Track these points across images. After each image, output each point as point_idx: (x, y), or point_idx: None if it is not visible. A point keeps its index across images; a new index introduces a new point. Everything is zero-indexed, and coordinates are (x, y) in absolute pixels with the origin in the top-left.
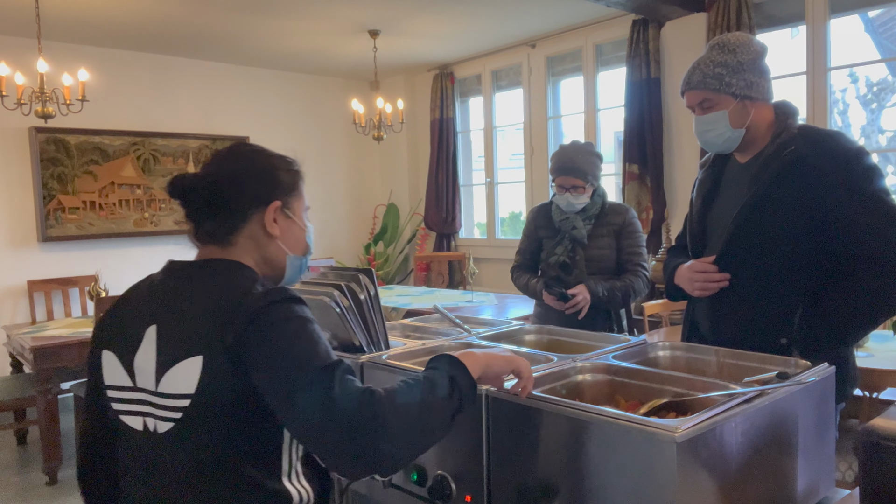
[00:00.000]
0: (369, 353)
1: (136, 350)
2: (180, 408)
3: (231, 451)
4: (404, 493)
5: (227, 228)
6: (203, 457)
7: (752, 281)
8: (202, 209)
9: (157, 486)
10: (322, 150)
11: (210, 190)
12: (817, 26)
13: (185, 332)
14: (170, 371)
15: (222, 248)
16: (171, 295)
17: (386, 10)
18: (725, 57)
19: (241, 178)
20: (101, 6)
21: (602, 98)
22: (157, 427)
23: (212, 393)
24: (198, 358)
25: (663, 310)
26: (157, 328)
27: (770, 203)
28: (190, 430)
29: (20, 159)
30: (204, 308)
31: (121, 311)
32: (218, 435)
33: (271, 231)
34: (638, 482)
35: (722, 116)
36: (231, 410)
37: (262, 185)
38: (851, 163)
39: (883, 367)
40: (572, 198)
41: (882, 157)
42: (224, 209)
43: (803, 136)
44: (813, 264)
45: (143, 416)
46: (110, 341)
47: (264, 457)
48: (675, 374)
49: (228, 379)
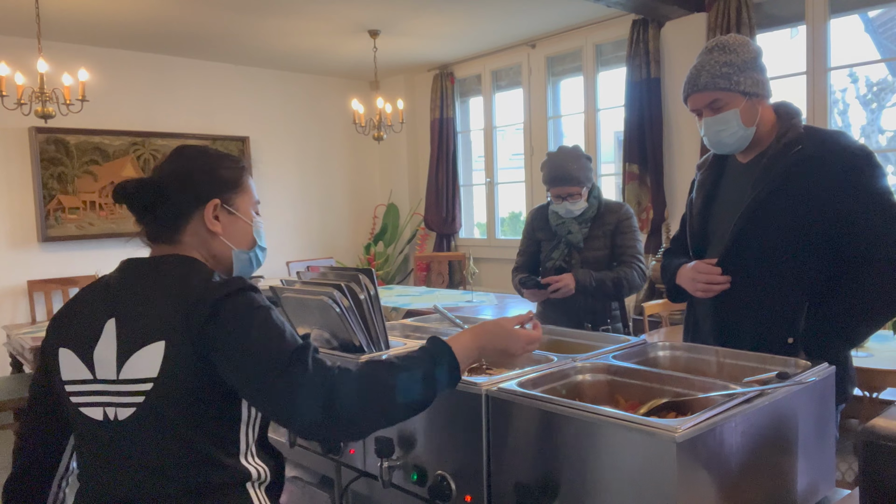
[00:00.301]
0: (369, 353)
1: (96, 343)
2: (143, 391)
3: (192, 432)
4: (404, 493)
5: (172, 227)
6: (165, 439)
7: (758, 281)
8: (146, 211)
9: (120, 471)
10: (322, 150)
11: (151, 192)
12: (817, 26)
13: (146, 321)
14: (131, 358)
15: (171, 245)
16: (128, 289)
17: (386, 10)
18: (729, 57)
19: (180, 177)
20: (101, 6)
21: (602, 98)
22: (117, 414)
23: (174, 375)
24: (160, 343)
25: (663, 310)
26: (116, 321)
27: (776, 202)
28: (152, 413)
29: (20, 159)
30: (164, 298)
31: (75, 309)
32: (180, 417)
33: (212, 228)
34: (638, 482)
35: (734, 115)
36: (192, 393)
37: (200, 184)
38: (858, 162)
39: (883, 367)
40: (570, 205)
41: (882, 157)
42: (166, 209)
43: (809, 135)
44: (818, 263)
45: (102, 406)
46: (66, 338)
47: (224, 438)
48: (675, 374)
49: (191, 363)
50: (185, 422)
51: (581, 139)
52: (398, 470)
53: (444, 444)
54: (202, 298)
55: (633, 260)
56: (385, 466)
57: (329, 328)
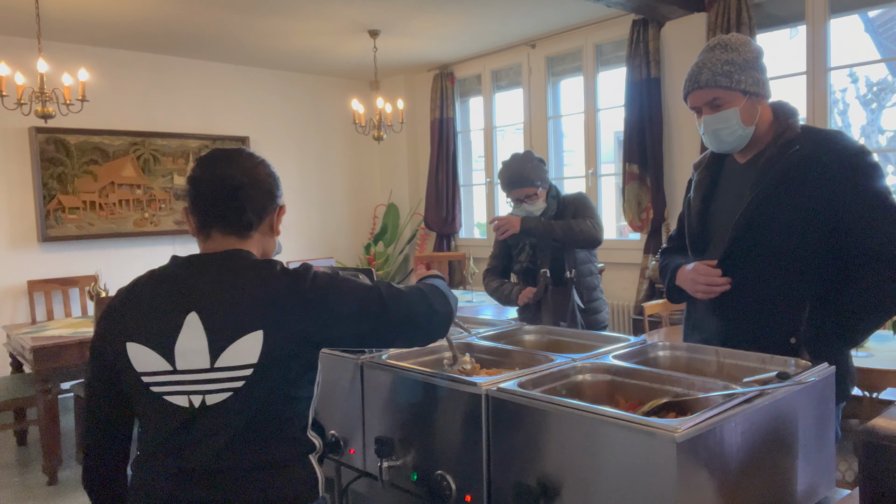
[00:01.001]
0: (369, 353)
1: (176, 337)
2: (244, 377)
3: (281, 410)
4: (404, 493)
5: (253, 223)
6: (257, 418)
7: (758, 282)
8: (235, 205)
9: (198, 448)
10: (322, 150)
11: (253, 188)
12: (817, 26)
13: (239, 313)
14: (229, 348)
15: (241, 239)
16: (206, 284)
17: (386, 10)
18: (731, 55)
19: (270, 181)
20: (101, 6)
21: (602, 98)
22: (205, 400)
23: (273, 360)
24: (258, 332)
25: (663, 310)
26: (200, 315)
27: (775, 203)
28: (247, 396)
29: (20, 159)
30: (251, 290)
31: (137, 304)
32: (273, 397)
33: (277, 229)
34: (638, 482)
35: (734, 114)
36: (286, 376)
37: (277, 190)
38: (856, 161)
39: (883, 367)
40: (529, 206)
41: (882, 157)
42: (255, 206)
43: (806, 135)
44: (819, 263)
45: (188, 395)
46: (135, 333)
47: (297, 414)
48: (675, 374)
49: (290, 348)
50: (276, 402)
51: (581, 139)
52: (398, 470)
53: (444, 444)
54: (292, 288)
55: (587, 218)
56: (385, 466)
57: None
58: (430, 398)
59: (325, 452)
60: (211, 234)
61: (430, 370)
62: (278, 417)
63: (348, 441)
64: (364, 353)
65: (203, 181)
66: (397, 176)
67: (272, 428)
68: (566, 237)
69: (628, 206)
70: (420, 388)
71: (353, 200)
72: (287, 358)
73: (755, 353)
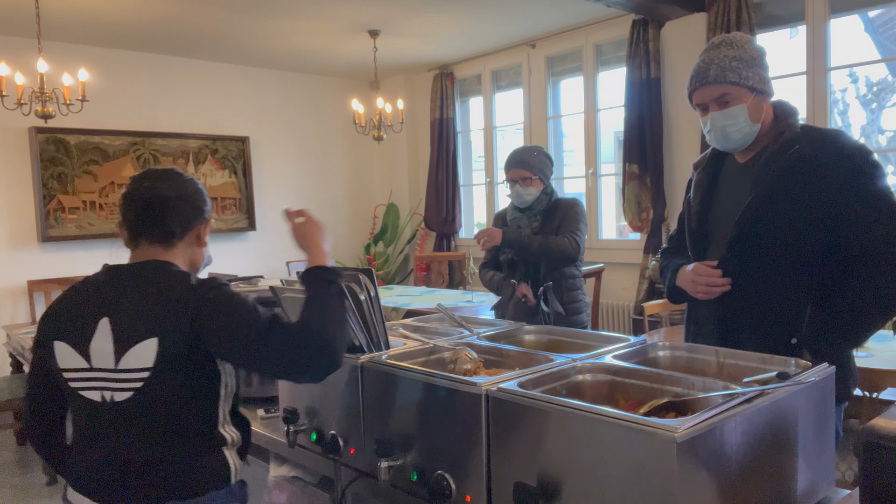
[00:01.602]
0: (369, 353)
1: (91, 338)
2: (141, 378)
3: (180, 409)
4: (404, 493)
5: (176, 234)
6: (157, 416)
7: (759, 282)
8: (160, 217)
9: (115, 441)
10: (322, 150)
11: (176, 200)
12: (817, 26)
13: (139, 321)
14: (129, 351)
15: (166, 249)
16: (117, 292)
17: (386, 10)
18: (738, 52)
19: (195, 195)
20: (101, 6)
21: (602, 98)
22: (114, 397)
23: (167, 366)
24: (153, 339)
25: (663, 310)
26: (110, 320)
27: (775, 203)
28: (148, 396)
29: (20, 159)
30: (152, 300)
31: (66, 308)
32: (171, 398)
33: (204, 241)
34: (638, 482)
35: (742, 111)
36: (181, 379)
37: (204, 205)
38: (856, 160)
39: (883, 367)
40: (521, 188)
41: (882, 157)
42: (177, 218)
43: (806, 134)
44: (820, 263)
45: (100, 390)
46: (60, 333)
47: (205, 412)
48: (675, 374)
49: (181, 355)
50: (175, 401)
51: (581, 139)
52: (398, 470)
53: (444, 444)
54: (188, 299)
55: (569, 232)
56: (385, 466)
57: None
58: (430, 398)
59: (248, 443)
60: (139, 244)
61: (430, 370)
62: (182, 415)
63: (348, 441)
64: (364, 352)
65: (133, 196)
66: (397, 176)
67: (177, 424)
68: (542, 254)
69: (628, 206)
70: (420, 388)
71: (353, 200)
72: (181, 364)
73: (755, 353)
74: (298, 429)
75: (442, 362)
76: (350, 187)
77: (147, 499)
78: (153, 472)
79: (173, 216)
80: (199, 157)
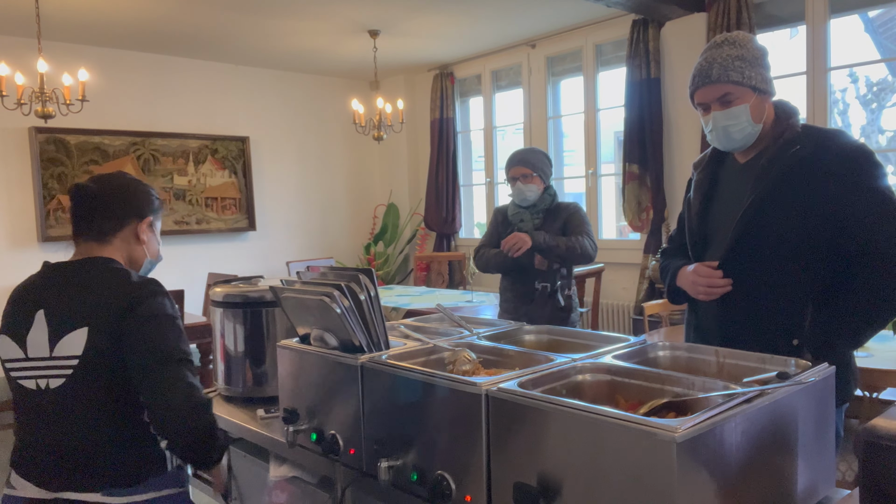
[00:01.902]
0: (369, 353)
1: (28, 331)
2: (71, 366)
3: (110, 396)
4: (404, 493)
5: (110, 230)
6: (90, 401)
7: (760, 282)
8: (90, 214)
9: (52, 427)
10: (322, 150)
11: (105, 198)
12: (817, 26)
13: (72, 311)
14: (62, 340)
15: (100, 245)
16: (53, 286)
17: (386, 10)
18: (740, 51)
19: (129, 193)
20: (101, 6)
21: (602, 98)
22: (49, 384)
23: (95, 353)
24: (84, 329)
25: (663, 310)
26: (45, 312)
27: (775, 203)
28: (79, 381)
29: (20, 159)
30: (87, 292)
31: (10, 303)
32: (101, 384)
33: (142, 237)
34: (638, 482)
35: (744, 110)
36: (109, 367)
37: (138, 202)
38: (857, 160)
39: (883, 367)
40: (523, 186)
41: (882, 157)
42: (110, 215)
43: (807, 135)
44: (821, 264)
45: (35, 379)
46: (5, 327)
47: (135, 399)
48: (675, 374)
49: (108, 345)
50: (105, 389)
51: (581, 139)
52: (398, 470)
53: (444, 444)
54: (121, 294)
55: (584, 234)
56: (385, 466)
57: (329, 328)
58: (430, 398)
59: None
60: (79, 241)
61: (431, 370)
62: (114, 403)
63: (348, 441)
64: (364, 352)
65: (71, 195)
66: (397, 176)
67: (110, 412)
68: (567, 255)
69: (628, 206)
70: (420, 388)
71: (353, 200)
72: (108, 354)
73: (755, 353)
74: (298, 429)
75: (442, 362)
76: (350, 187)
77: (85, 484)
78: (90, 458)
79: (102, 213)
80: (199, 157)
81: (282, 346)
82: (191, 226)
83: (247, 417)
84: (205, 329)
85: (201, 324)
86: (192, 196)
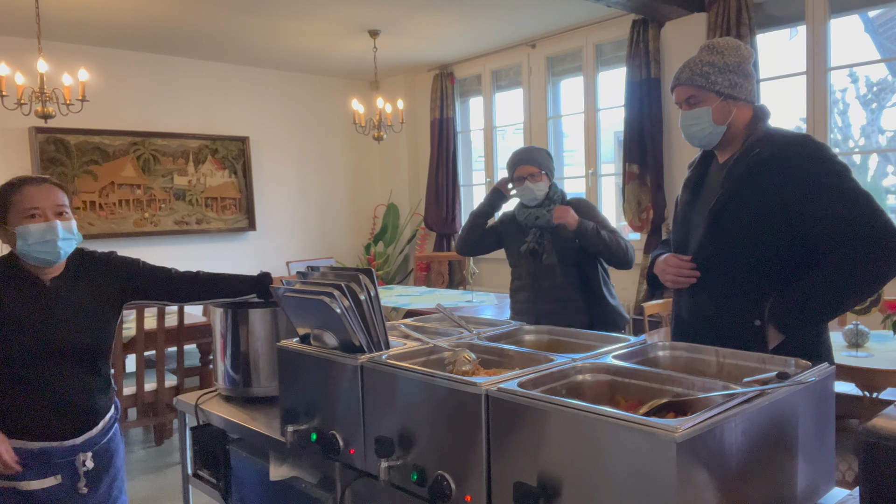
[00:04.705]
0: (369, 353)
1: None
2: None
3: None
4: (404, 493)
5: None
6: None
7: (727, 272)
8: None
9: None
10: (322, 150)
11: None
12: (817, 26)
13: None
14: None
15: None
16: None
17: (386, 10)
18: (713, 57)
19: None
20: (101, 6)
21: (602, 98)
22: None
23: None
24: None
25: (663, 310)
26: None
27: (738, 202)
28: None
29: (20, 159)
30: None
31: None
32: None
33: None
34: (638, 482)
35: (706, 113)
36: None
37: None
38: (813, 161)
39: (883, 367)
40: (532, 185)
41: (882, 157)
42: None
43: (769, 139)
44: (782, 255)
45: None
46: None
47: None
48: (675, 374)
49: None
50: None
51: (581, 139)
52: (398, 470)
53: (444, 444)
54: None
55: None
56: (385, 466)
57: (329, 328)
58: (430, 398)
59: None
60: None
61: (431, 370)
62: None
63: (348, 441)
64: (364, 352)
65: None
66: (397, 176)
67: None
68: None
69: (628, 206)
70: (420, 387)
71: (353, 200)
72: None
73: (755, 353)
74: (298, 429)
75: (442, 363)
76: (350, 187)
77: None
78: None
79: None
80: (199, 157)
81: (282, 346)
82: (191, 226)
83: (247, 417)
84: (205, 329)
85: (201, 324)
86: (192, 196)
